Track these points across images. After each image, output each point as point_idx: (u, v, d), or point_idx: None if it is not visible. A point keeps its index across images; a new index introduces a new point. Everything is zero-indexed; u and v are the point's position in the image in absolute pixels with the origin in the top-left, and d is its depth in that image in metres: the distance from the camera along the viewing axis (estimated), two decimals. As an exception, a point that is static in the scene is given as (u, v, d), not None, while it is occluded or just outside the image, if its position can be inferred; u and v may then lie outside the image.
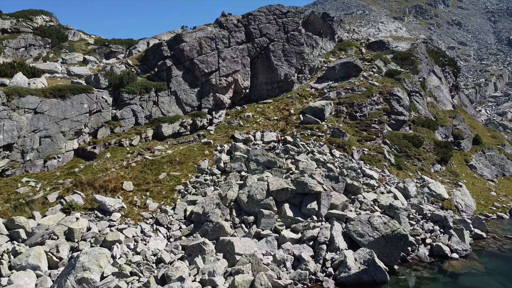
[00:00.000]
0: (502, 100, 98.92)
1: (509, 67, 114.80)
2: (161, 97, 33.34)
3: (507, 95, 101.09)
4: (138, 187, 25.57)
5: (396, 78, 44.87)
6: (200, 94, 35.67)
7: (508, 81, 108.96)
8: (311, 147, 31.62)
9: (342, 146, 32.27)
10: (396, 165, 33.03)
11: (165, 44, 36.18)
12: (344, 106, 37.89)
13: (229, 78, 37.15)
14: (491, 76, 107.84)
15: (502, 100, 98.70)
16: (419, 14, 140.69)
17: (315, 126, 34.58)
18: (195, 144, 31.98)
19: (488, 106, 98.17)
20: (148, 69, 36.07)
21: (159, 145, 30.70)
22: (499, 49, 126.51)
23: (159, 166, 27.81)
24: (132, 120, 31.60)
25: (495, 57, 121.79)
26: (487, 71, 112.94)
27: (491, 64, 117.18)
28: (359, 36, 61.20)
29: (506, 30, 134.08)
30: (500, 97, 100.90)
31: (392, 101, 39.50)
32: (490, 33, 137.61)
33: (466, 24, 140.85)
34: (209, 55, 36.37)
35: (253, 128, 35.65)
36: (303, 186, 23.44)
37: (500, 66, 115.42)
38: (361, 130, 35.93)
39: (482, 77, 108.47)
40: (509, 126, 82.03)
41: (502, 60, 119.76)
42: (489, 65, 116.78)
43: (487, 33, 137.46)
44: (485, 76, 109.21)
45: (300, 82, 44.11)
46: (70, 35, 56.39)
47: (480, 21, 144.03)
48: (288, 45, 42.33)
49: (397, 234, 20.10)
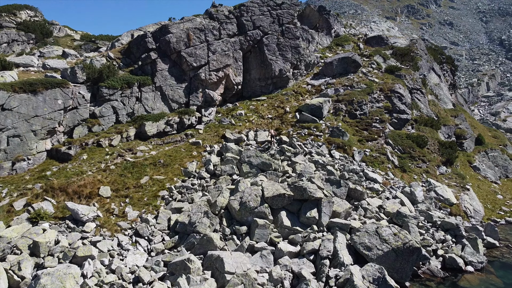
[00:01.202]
0: (494, 100, 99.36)
1: (501, 67, 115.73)
2: (145, 92, 30.82)
3: (500, 94, 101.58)
4: (116, 193, 23.08)
5: (396, 74, 42.95)
6: (188, 90, 33.23)
7: (500, 81, 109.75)
8: (308, 148, 29.42)
9: (342, 146, 30.12)
10: (400, 167, 31.00)
11: (150, 35, 33.66)
12: (343, 104, 35.77)
13: (219, 73, 34.75)
14: (483, 76, 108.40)
15: (494, 100, 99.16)
16: (411, 14, 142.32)
17: (312, 125, 32.39)
18: (182, 144, 29.55)
19: (481, 106, 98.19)
20: (131, 62, 33.52)
21: (142, 146, 28.20)
22: (491, 49, 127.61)
23: (141, 169, 25.34)
24: (112, 118, 29.04)
25: (487, 57, 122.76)
26: (479, 71, 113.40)
27: (483, 64, 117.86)
28: (357, 31, 59.24)
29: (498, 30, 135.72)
30: (493, 97, 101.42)
31: (394, 98, 37.51)
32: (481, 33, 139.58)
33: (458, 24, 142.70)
34: (198, 48, 33.93)
35: (246, 127, 33.33)
36: (301, 191, 21.19)
37: (492, 66, 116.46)
38: (362, 129, 33.83)
39: (475, 77, 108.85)
40: (502, 126, 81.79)
41: (494, 60, 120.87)
42: (481, 65, 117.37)
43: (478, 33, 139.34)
44: (478, 76, 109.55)
45: (295, 79, 41.91)
46: (55, 31, 54.36)
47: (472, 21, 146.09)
48: (283, 38, 40.08)
49: (409, 247, 17.98)
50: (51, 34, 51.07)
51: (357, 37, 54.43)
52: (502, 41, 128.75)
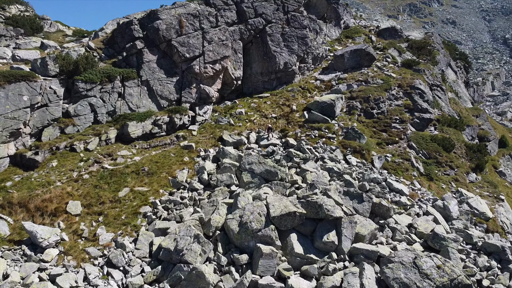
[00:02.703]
0: (500, 99, 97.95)
1: (505, 66, 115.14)
2: (129, 87, 26.94)
3: (505, 94, 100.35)
4: (88, 209, 19.21)
5: (415, 69, 39.06)
6: (180, 85, 29.31)
7: (505, 80, 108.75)
8: (320, 153, 25.56)
9: (360, 151, 26.25)
10: (426, 174, 27.14)
11: (136, 22, 29.78)
12: (358, 101, 31.88)
13: (216, 66, 30.86)
14: (488, 75, 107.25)
15: (500, 100, 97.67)
16: (413, 13, 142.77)
17: (323, 125, 28.50)
18: (172, 148, 25.68)
19: (487, 106, 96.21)
20: (115, 53, 29.67)
21: (123, 150, 24.32)
22: (495, 48, 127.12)
23: (120, 179, 21.47)
24: (89, 117, 25.17)
25: (491, 56, 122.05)
26: (483, 70, 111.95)
27: (487, 63, 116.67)
28: (367, 23, 55.32)
29: (501, 29, 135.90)
30: (498, 97, 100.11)
31: (414, 95, 33.63)
32: (485, 32, 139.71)
33: (461, 23, 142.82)
34: (192, 36, 30.03)
35: (247, 128, 29.49)
36: (316, 208, 17.35)
37: (497, 65, 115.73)
38: (380, 130, 29.96)
39: (479, 76, 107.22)
40: (509, 126, 79.22)
41: (498, 59, 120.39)
42: (485, 64, 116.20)
43: (482, 32, 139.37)
44: (482, 75, 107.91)
45: (302, 73, 38.04)
46: (46, 26, 51.52)
47: (475, 20, 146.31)
48: (288, 28, 36.21)
49: (458, 284, 14.14)
50: (41, 29, 48.63)
51: (368, 29, 50.51)
52: (506, 40, 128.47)
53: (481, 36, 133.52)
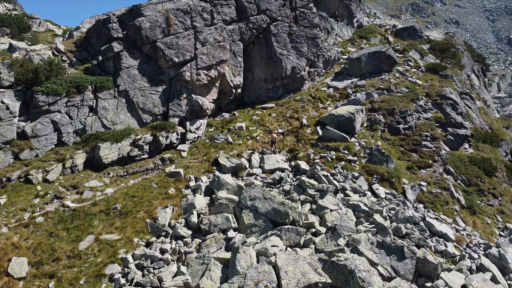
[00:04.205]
0: (507, 101, 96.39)
1: (511, 67, 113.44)
2: (103, 100, 22.39)
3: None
4: (37, 269, 14.65)
5: (442, 75, 34.59)
6: (167, 96, 24.76)
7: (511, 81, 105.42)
8: (340, 181, 21.02)
9: (388, 178, 21.71)
10: (468, 207, 22.62)
11: (115, 20, 25.29)
12: (381, 114, 27.36)
13: (211, 72, 26.31)
14: (493, 76, 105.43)
15: (507, 101, 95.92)
16: (416, 12, 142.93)
17: (341, 145, 23.95)
18: (155, 175, 21.13)
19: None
20: (89, 57, 25.15)
21: (93, 180, 19.75)
22: (499, 48, 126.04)
23: (84, 222, 16.90)
24: (52, 139, 20.63)
25: (496, 56, 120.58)
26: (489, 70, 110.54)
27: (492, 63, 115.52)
28: (382, 21, 50.83)
29: (506, 29, 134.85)
30: (505, 98, 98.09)
31: (446, 107, 29.11)
32: (489, 32, 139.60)
33: (464, 22, 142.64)
34: (181, 37, 25.49)
35: (248, 147, 24.99)
36: (345, 275, 12.80)
37: (502, 65, 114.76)
38: (409, 150, 25.44)
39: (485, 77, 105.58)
40: None
41: (503, 59, 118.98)
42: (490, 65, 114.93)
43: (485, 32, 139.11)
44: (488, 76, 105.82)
45: (311, 79, 33.54)
46: (34, 25, 49.54)
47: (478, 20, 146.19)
48: (296, 26, 31.71)
49: None
50: (29, 28, 46.57)
51: (384, 29, 45.98)
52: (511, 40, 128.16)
53: (485, 36, 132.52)
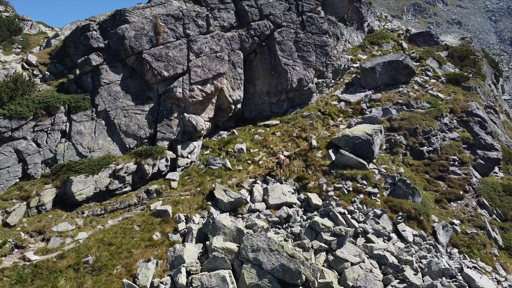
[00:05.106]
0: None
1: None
2: (78, 122, 19.26)
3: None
4: None
5: (464, 86, 31.46)
6: (155, 115, 21.61)
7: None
8: (359, 220, 17.89)
9: (415, 216, 18.56)
10: (506, 248, 19.48)
11: (96, 27, 22.23)
12: (402, 135, 24.20)
13: (207, 87, 23.20)
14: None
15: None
16: (417, 13, 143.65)
17: (359, 173, 20.78)
18: (138, 214, 17.97)
19: None
20: (65, 70, 22.06)
21: (63, 222, 16.61)
22: (502, 49, 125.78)
23: (47, 283, 13.74)
24: (15, 171, 17.50)
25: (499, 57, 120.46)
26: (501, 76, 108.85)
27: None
28: (394, 25, 47.73)
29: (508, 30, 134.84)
30: (509, 101, 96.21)
31: (474, 125, 26.01)
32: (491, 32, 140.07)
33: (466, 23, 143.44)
34: (172, 47, 22.37)
35: (249, 173, 21.89)
36: None
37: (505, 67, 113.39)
38: (436, 178, 22.28)
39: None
40: None
41: (507, 61, 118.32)
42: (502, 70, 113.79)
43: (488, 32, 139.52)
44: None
45: (320, 91, 30.44)
46: (26, 27, 47.30)
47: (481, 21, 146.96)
48: (303, 33, 28.63)
49: None
50: (20, 31, 44.44)
51: (396, 33, 42.86)
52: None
53: (488, 37, 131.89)
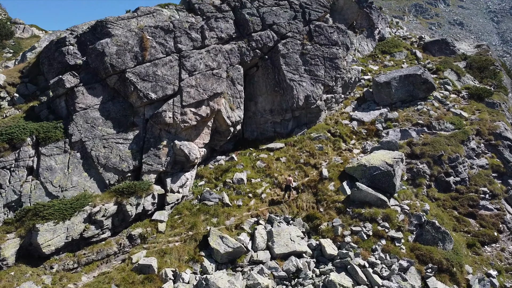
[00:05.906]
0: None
1: None
2: (48, 156, 16.51)
3: None
4: None
5: (488, 103, 28.73)
6: (141, 144, 18.82)
7: None
8: (383, 275, 15.10)
9: (448, 268, 15.76)
10: (554, 303, 16.66)
11: (73, 40, 19.49)
12: (425, 163, 21.40)
13: (202, 109, 20.44)
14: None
15: None
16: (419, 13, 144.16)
17: (379, 212, 17.96)
18: (118, 268, 15.16)
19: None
20: (37, 91, 19.33)
21: (27, 282, 13.80)
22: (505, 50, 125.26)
23: None
24: (-32, 217, 14.77)
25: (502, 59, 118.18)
26: None
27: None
28: (406, 32, 45.00)
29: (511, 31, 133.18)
30: None
31: (503, 150, 23.29)
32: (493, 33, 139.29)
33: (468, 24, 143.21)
34: (161, 64, 19.62)
35: (250, 210, 19.11)
36: None
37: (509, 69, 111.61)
38: (465, 214, 19.50)
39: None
40: None
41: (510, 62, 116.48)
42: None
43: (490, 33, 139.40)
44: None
45: (328, 108, 27.73)
46: (18, 31, 47.38)
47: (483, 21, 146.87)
48: (311, 44, 25.93)
49: None
50: (12, 34, 44.28)
51: (409, 41, 40.12)
52: None
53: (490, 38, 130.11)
